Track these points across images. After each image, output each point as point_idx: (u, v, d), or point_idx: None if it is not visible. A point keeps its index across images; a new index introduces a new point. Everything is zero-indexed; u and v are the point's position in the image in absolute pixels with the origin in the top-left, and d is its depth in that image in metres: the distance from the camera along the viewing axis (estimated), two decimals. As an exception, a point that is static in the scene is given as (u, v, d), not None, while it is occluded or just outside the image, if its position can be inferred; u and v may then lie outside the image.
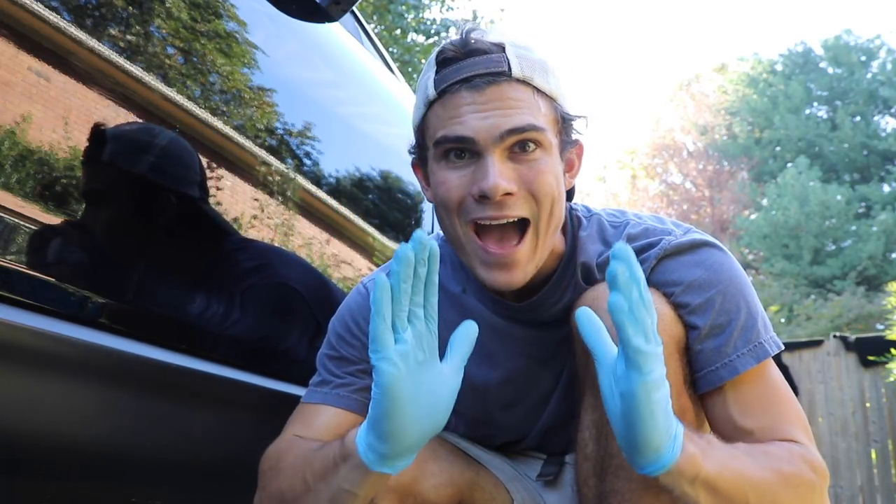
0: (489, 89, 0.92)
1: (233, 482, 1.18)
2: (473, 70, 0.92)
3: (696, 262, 0.98)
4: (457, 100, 0.93)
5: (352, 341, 1.09)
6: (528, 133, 0.92)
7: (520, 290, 1.04)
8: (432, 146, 0.96)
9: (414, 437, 0.80)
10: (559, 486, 1.15)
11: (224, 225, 1.17)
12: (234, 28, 1.19)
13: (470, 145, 0.92)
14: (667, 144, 22.51)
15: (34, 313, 0.83)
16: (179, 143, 1.08)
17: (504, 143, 0.91)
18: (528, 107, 0.93)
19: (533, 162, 0.93)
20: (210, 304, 1.13)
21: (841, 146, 20.68)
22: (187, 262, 1.11)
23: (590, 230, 1.06)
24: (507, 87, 0.92)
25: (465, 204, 0.94)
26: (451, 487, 1.03)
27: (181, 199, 1.09)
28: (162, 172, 1.05)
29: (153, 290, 1.03)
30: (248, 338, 1.22)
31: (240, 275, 1.20)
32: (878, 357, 5.31)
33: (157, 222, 1.05)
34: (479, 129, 0.91)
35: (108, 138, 0.93)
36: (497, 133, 0.91)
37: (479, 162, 0.92)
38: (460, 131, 0.92)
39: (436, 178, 0.97)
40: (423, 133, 1.00)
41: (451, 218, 0.96)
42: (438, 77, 0.95)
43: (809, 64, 22.59)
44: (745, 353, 0.95)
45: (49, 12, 0.84)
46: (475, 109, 0.91)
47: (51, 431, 0.90)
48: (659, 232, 1.03)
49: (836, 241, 18.66)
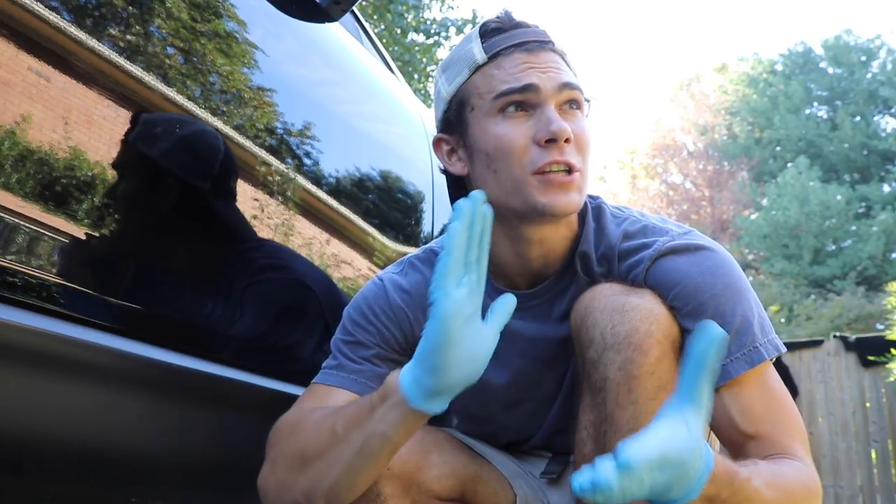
0: (542, 53, 1.01)
1: (233, 482, 1.19)
2: (525, 37, 1.02)
3: (690, 264, 0.99)
4: (514, 59, 1.01)
5: (367, 327, 1.10)
6: (576, 91, 1.01)
7: (531, 275, 1.06)
8: (489, 102, 1.01)
9: (457, 376, 0.83)
10: (563, 484, 1.15)
11: (241, 223, 1.17)
12: (234, 28, 1.19)
13: (533, 94, 0.99)
14: (667, 144, 22.52)
15: (39, 314, 0.84)
16: (204, 137, 1.09)
17: (561, 95, 1.00)
18: (570, 73, 1.03)
19: (578, 119, 1.01)
20: (228, 305, 1.13)
21: (841, 146, 20.68)
22: (212, 264, 1.12)
23: (592, 220, 1.08)
24: (552, 54, 1.03)
25: (530, 153, 0.98)
26: (453, 479, 1.04)
27: (198, 194, 1.09)
28: (184, 168, 1.05)
29: (169, 291, 1.03)
30: (261, 336, 1.22)
31: (256, 271, 1.21)
32: (878, 357, 5.31)
33: (179, 220, 1.05)
34: (542, 79, 0.99)
35: (133, 133, 0.93)
36: (557, 84, 0.99)
37: (539, 113, 0.99)
38: (525, 80, 0.99)
39: (492, 133, 1.00)
40: (467, 96, 1.03)
41: (512, 168, 0.99)
42: (487, 44, 1.02)
43: (809, 64, 22.59)
44: (738, 358, 0.95)
45: (49, 12, 0.84)
46: (533, 66, 1.00)
47: (52, 431, 0.90)
48: (658, 231, 1.04)
49: (836, 241, 18.67)
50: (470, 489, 1.06)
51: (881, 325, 11.44)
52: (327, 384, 1.07)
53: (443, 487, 1.02)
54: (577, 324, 0.97)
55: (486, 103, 1.00)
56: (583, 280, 1.04)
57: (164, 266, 1.07)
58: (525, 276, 1.06)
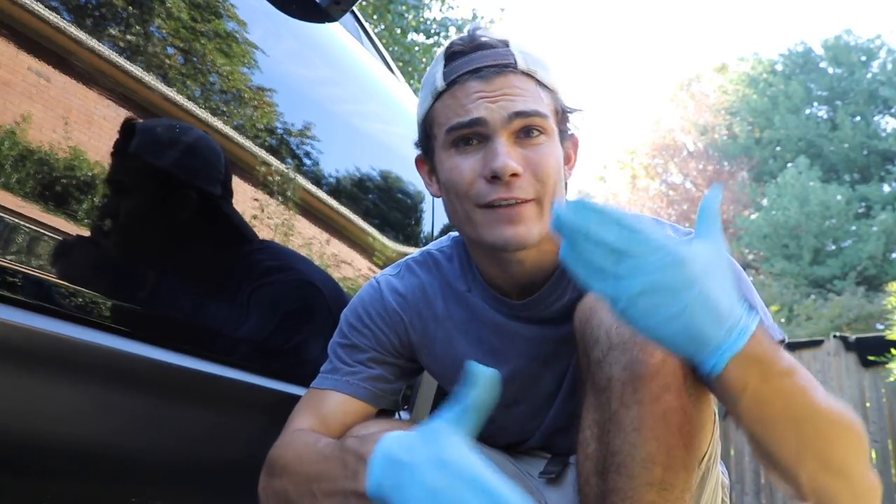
0: (497, 79, 0.97)
1: (234, 482, 1.19)
2: (482, 62, 0.98)
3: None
4: (466, 88, 0.97)
5: (363, 330, 1.11)
6: (532, 118, 0.97)
7: (521, 288, 1.05)
8: (443, 134, 1.00)
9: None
10: (561, 485, 1.15)
11: (245, 226, 1.17)
12: (234, 28, 1.19)
13: (481, 128, 0.96)
14: (667, 144, 22.52)
15: (39, 314, 0.84)
16: (206, 142, 1.09)
17: (511, 125, 0.96)
18: (532, 95, 0.98)
19: (538, 146, 0.97)
20: (236, 308, 1.13)
21: (841, 146, 20.68)
22: (214, 266, 1.11)
23: None
24: (513, 77, 0.98)
25: (476, 187, 0.97)
26: None
27: (206, 198, 1.10)
28: (188, 172, 1.05)
29: (172, 292, 1.03)
30: (269, 338, 1.22)
31: (263, 273, 1.21)
32: (878, 357, 5.31)
33: (182, 222, 1.05)
34: (491, 110, 0.96)
35: (134, 136, 0.93)
36: (506, 114, 0.96)
37: (489, 145, 0.96)
38: (473, 114, 0.96)
39: (446, 166, 1.00)
40: (430, 124, 1.03)
41: (462, 202, 0.99)
42: (447, 69, 1.00)
43: (809, 64, 22.59)
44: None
45: (49, 12, 0.84)
46: (484, 96, 0.97)
47: (52, 431, 0.90)
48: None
49: (836, 241, 18.67)
50: None
51: (881, 325, 11.44)
52: (322, 388, 1.10)
53: None
54: (582, 324, 0.97)
55: (442, 135, 1.00)
56: (581, 287, 1.04)
57: (168, 269, 1.07)
58: (516, 288, 1.07)
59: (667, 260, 0.72)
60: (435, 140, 1.02)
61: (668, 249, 0.73)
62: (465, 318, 1.12)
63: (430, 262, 1.15)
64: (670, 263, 0.72)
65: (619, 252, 0.73)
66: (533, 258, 1.02)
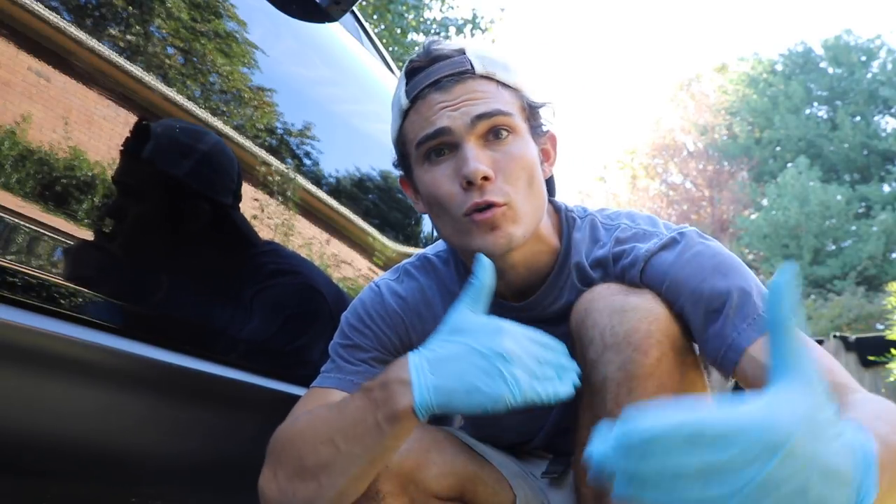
0: (456, 87, 0.98)
1: (234, 482, 1.19)
2: (440, 73, 0.99)
3: (677, 256, 0.99)
4: (429, 102, 0.98)
5: (365, 331, 1.12)
6: (496, 118, 0.97)
7: (518, 291, 1.06)
8: (414, 150, 1.00)
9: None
10: (564, 485, 1.15)
11: (248, 229, 1.17)
12: (234, 28, 1.19)
13: (447, 137, 0.97)
14: (667, 144, 22.53)
15: (39, 314, 0.84)
16: (221, 148, 1.10)
17: (476, 129, 0.96)
18: (493, 97, 0.99)
19: (507, 146, 0.98)
20: (239, 310, 1.14)
21: (841, 146, 20.69)
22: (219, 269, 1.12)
23: (583, 231, 1.08)
24: (472, 83, 0.98)
25: (455, 198, 0.97)
26: (452, 478, 1.04)
27: (214, 203, 1.10)
28: (197, 177, 1.06)
29: (172, 293, 1.03)
30: (272, 340, 1.22)
31: (266, 276, 1.21)
32: (878, 357, 5.31)
33: (189, 226, 1.05)
34: (453, 118, 0.97)
35: (145, 139, 0.93)
36: (468, 119, 0.96)
37: (458, 153, 0.97)
38: (437, 125, 0.97)
39: (423, 180, 1.00)
40: (403, 143, 1.04)
41: (445, 213, 0.99)
42: (409, 87, 1.01)
43: (809, 64, 22.60)
44: (745, 329, 0.92)
45: (49, 12, 0.84)
46: (445, 106, 0.97)
47: (52, 431, 0.90)
48: (648, 235, 1.04)
49: (836, 241, 18.68)
50: (469, 489, 1.07)
51: (881, 325, 11.44)
52: (324, 387, 1.09)
53: (442, 486, 1.03)
54: (577, 324, 0.97)
55: (414, 151, 1.01)
56: (576, 287, 1.04)
57: (171, 270, 1.07)
58: (512, 291, 1.07)
59: (772, 453, 0.52)
60: (410, 157, 1.03)
61: (767, 441, 0.52)
62: None
63: (428, 266, 1.16)
64: (778, 455, 0.52)
65: (707, 472, 0.52)
66: (524, 261, 1.03)
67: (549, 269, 1.05)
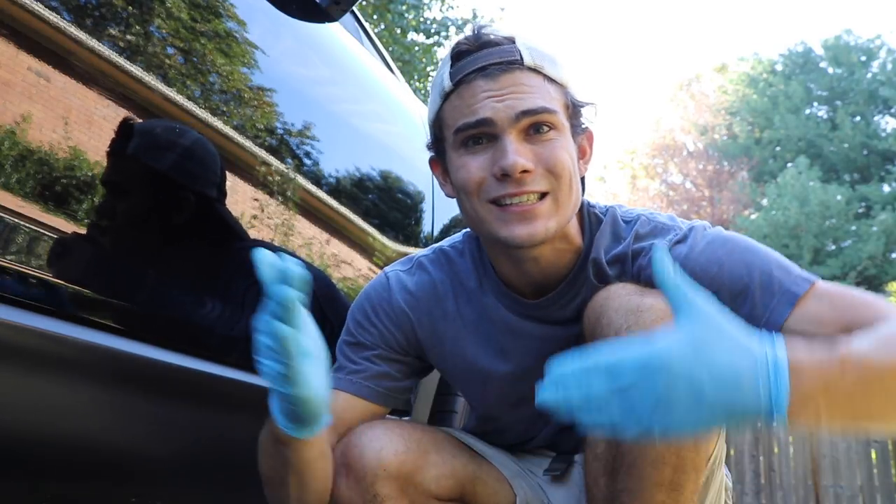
0: (503, 77, 0.96)
1: (233, 482, 1.18)
2: (488, 60, 0.97)
3: (690, 248, 0.99)
4: (473, 88, 0.97)
5: (369, 328, 1.11)
6: (541, 115, 0.96)
7: (536, 287, 1.05)
8: (452, 135, 0.99)
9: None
10: (566, 483, 1.15)
11: (238, 226, 1.17)
12: (234, 28, 1.19)
13: (488, 128, 0.96)
14: (667, 144, 22.54)
15: (40, 314, 0.84)
16: (202, 144, 1.09)
17: (519, 123, 0.96)
18: (539, 92, 0.97)
19: (548, 142, 0.97)
20: (230, 307, 1.13)
21: (841, 146, 20.70)
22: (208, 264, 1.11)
23: (604, 227, 1.07)
24: (519, 74, 0.97)
25: (486, 185, 0.96)
26: (452, 479, 1.04)
27: (200, 199, 1.09)
28: (184, 173, 1.05)
29: (166, 291, 1.03)
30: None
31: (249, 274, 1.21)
32: (877, 357, 5.31)
33: (175, 222, 1.05)
34: (497, 110, 0.95)
35: (131, 137, 0.93)
36: (513, 114, 0.95)
37: (498, 144, 0.96)
38: (479, 114, 0.96)
39: (456, 165, 1.00)
40: (440, 126, 1.03)
41: (472, 200, 0.98)
42: (454, 70, 0.99)
43: (809, 64, 22.61)
44: (776, 306, 0.92)
45: (49, 12, 0.84)
46: (491, 95, 0.96)
47: (52, 431, 0.90)
48: (667, 230, 1.04)
49: (836, 241, 18.68)
50: (469, 489, 1.06)
51: (881, 325, 11.42)
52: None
53: (441, 488, 1.02)
54: (591, 323, 0.97)
55: (451, 136, 1.00)
56: (593, 285, 1.04)
57: (162, 268, 1.07)
58: (530, 287, 1.06)
59: (657, 375, 0.68)
60: (445, 141, 1.02)
61: (651, 365, 0.68)
62: (475, 316, 1.11)
63: (443, 259, 1.15)
64: (663, 376, 0.68)
65: (616, 394, 0.69)
66: (548, 256, 1.02)
67: (570, 267, 1.05)
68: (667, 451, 0.88)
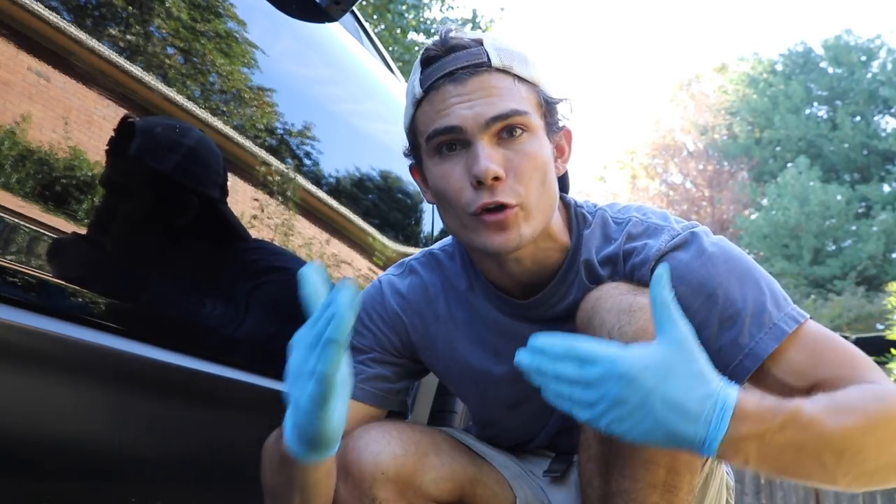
0: (471, 80, 0.95)
1: (232, 482, 1.19)
2: (455, 64, 0.96)
3: (692, 258, 0.97)
4: (442, 94, 0.96)
5: (364, 332, 1.11)
6: (511, 118, 0.95)
7: (525, 287, 1.05)
8: (425, 142, 0.99)
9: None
10: (566, 484, 1.15)
11: (240, 227, 1.17)
12: (234, 28, 1.19)
13: (459, 135, 0.95)
14: (667, 144, 22.54)
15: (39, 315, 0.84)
16: (205, 143, 1.09)
17: (490, 129, 0.95)
18: (510, 93, 0.96)
19: (520, 146, 0.96)
20: (234, 308, 1.13)
21: (841, 146, 20.70)
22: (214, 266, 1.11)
23: (594, 227, 1.06)
24: (488, 76, 0.96)
25: (465, 195, 0.95)
26: (451, 482, 1.03)
27: (202, 199, 1.09)
28: (185, 173, 1.05)
29: (167, 291, 1.03)
30: (268, 338, 1.22)
31: (260, 273, 1.21)
32: (878, 357, 5.31)
33: (177, 223, 1.05)
34: (466, 117, 0.94)
35: (132, 137, 0.93)
36: (482, 120, 0.94)
37: (470, 150, 0.95)
38: (448, 122, 0.95)
39: (433, 174, 0.99)
40: (414, 133, 1.02)
41: (452, 208, 0.98)
42: (423, 76, 0.99)
43: (809, 64, 22.60)
44: (762, 338, 0.92)
45: (49, 12, 0.84)
46: (460, 100, 0.95)
47: (52, 431, 0.90)
48: (660, 230, 1.02)
49: (836, 241, 18.68)
50: (468, 492, 1.06)
51: (881, 325, 11.43)
52: None
53: (440, 490, 1.02)
54: (584, 323, 0.97)
55: (424, 143, 0.99)
56: (585, 285, 1.03)
57: (163, 268, 1.07)
58: (519, 288, 1.06)
59: (620, 381, 0.76)
60: (420, 149, 1.01)
61: (617, 371, 0.76)
62: (467, 318, 1.11)
63: (433, 262, 1.15)
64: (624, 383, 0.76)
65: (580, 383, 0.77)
66: (531, 257, 1.02)
67: (558, 266, 1.04)
68: (660, 453, 0.88)
